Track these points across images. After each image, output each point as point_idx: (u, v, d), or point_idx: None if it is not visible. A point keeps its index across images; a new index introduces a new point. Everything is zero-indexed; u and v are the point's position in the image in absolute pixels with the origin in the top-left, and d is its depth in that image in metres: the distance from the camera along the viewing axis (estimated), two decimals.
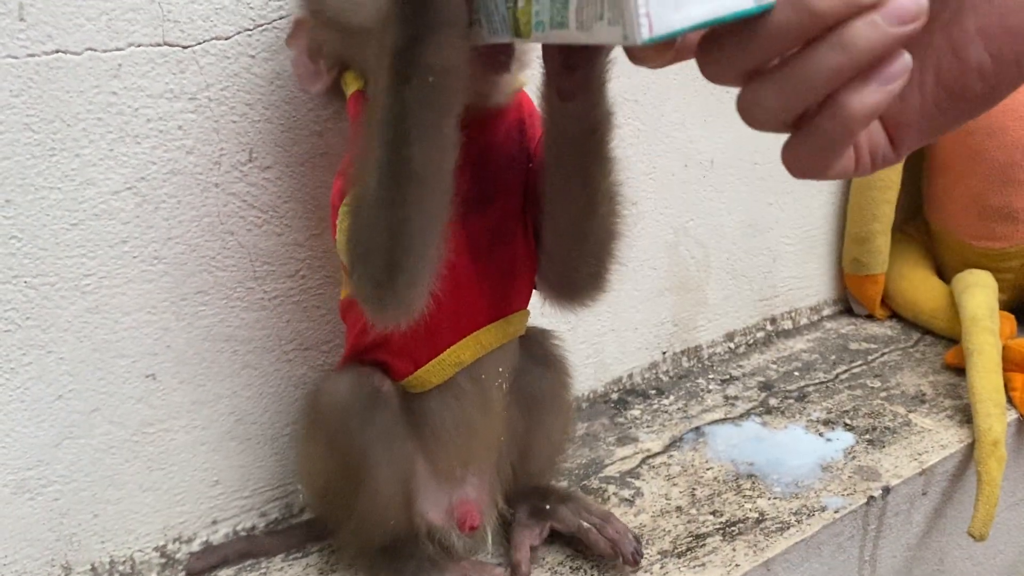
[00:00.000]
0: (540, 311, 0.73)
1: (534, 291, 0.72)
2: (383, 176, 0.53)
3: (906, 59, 0.30)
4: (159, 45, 0.68)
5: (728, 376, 1.16)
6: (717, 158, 1.13)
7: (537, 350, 0.77)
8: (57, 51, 0.64)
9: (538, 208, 0.66)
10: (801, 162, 0.33)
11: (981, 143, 1.20)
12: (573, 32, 0.36)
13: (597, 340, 1.07)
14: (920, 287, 1.28)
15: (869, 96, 0.30)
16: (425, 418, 0.71)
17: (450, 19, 0.46)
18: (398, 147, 0.51)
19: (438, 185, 0.54)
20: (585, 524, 0.76)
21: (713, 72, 0.33)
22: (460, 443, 0.72)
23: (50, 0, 0.63)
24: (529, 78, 0.64)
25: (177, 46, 0.69)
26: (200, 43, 0.70)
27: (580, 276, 0.68)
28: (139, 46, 0.67)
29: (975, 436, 0.96)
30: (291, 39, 0.67)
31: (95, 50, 0.66)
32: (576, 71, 0.55)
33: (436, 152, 0.52)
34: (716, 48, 0.33)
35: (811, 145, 0.32)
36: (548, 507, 0.78)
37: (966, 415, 1.02)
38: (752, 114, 0.33)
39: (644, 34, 0.31)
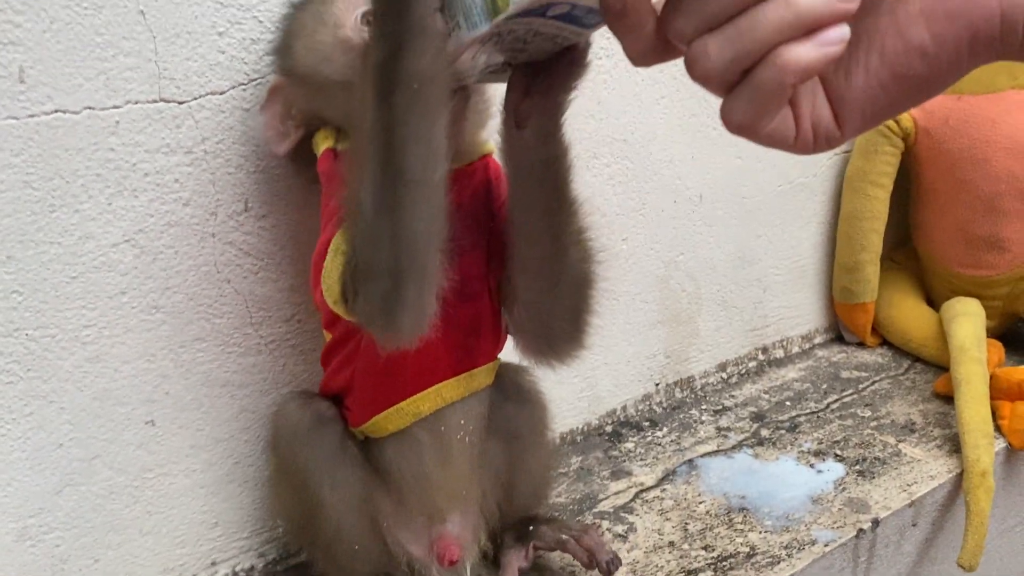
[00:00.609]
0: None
1: (505, 346, 0.73)
2: (380, 188, 0.54)
3: (844, 29, 0.32)
4: (155, 102, 0.70)
5: (721, 407, 1.17)
6: (705, 193, 1.15)
7: (511, 387, 0.78)
8: (56, 111, 0.66)
9: (508, 261, 0.67)
10: (735, 113, 0.34)
11: (966, 174, 1.22)
12: None
13: (591, 373, 1.09)
14: (910, 315, 1.30)
15: (805, 52, 0.32)
16: (384, 463, 0.73)
17: (426, 28, 0.48)
18: (391, 156, 0.53)
19: (433, 192, 0.55)
20: (564, 536, 0.78)
21: (677, 28, 0.34)
22: (419, 491, 0.73)
23: (50, 62, 0.65)
24: (495, 141, 0.66)
25: (173, 102, 0.71)
26: (196, 98, 0.72)
27: (556, 329, 0.68)
28: (136, 103, 0.69)
29: (964, 467, 0.97)
30: (265, 105, 0.71)
31: (93, 108, 0.68)
32: (534, 96, 0.57)
33: (429, 158, 0.54)
34: (679, 4, 0.34)
35: (745, 97, 0.33)
36: (531, 528, 0.79)
37: (955, 444, 1.03)
38: (698, 65, 0.34)
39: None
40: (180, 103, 0.71)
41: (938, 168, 1.25)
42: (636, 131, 1.04)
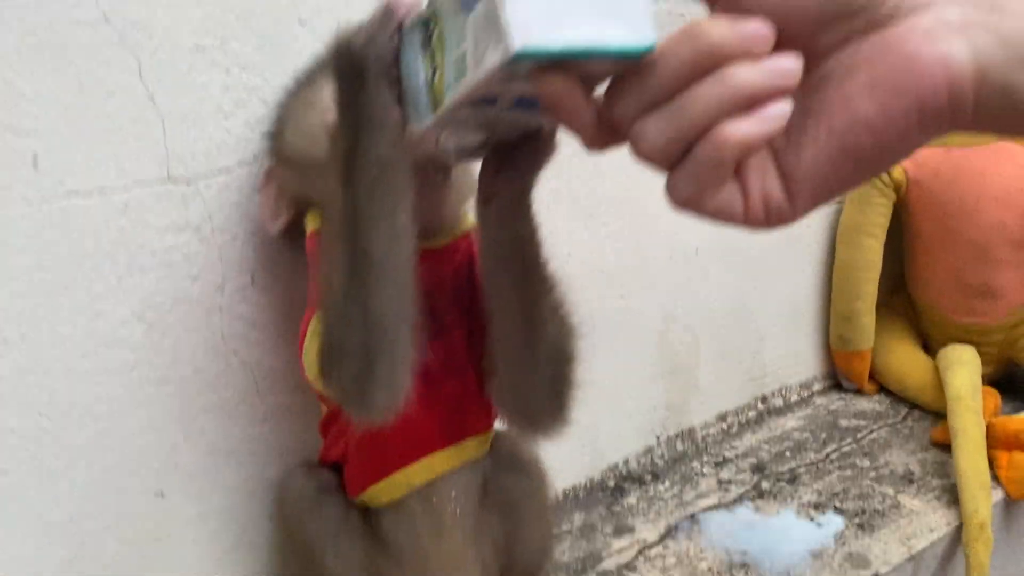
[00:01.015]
0: None
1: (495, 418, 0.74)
2: (347, 269, 0.57)
3: (784, 105, 0.32)
4: (164, 182, 0.72)
5: (722, 458, 1.18)
6: (701, 246, 1.17)
7: (507, 457, 0.78)
8: (68, 194, 0.68)
9: (487, 336, 0.67)
10: (678, 189, 0.34)
11: (957, 223, 1.24)
12: (472, 73, 0.38)
13: (592, 428, 1.10)
14: (906, 362, 1.31)
15: (744, 128, 0.32)
16: (382, 533, 0.74)
17: (383, 120, 0.51)
18: (356, 238, 0.56)
19: (399, 272, 0.57)
20: None
21: (618, 112, 0.35)
22: (415, 561, 0.73)
23: (62, 148, 0.67)
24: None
25: (181, 182, 0.73)
26: (203, 177, 0.74)
27: (535, 404, 0.68)
28: (145, 184, 0.71)
29: (962, 519, 0.98)
30: (261, 187, 0.73)
31: (104, 190, 0.70)
32: (502, 175, 0.58)
33: (393, 240, 0.56)
34: (619, 86, 0.35)
35: (688, 173, 0.33)
36: None
37: (953, 495, 1.04)
38: (639, 145, 0.34)
39: (516, 44, 0.33)
40: (188, 183, 0.73)
41: (930, 218, 1.27)
42: (633, 189, 1.06)
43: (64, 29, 0.65)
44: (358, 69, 0.49)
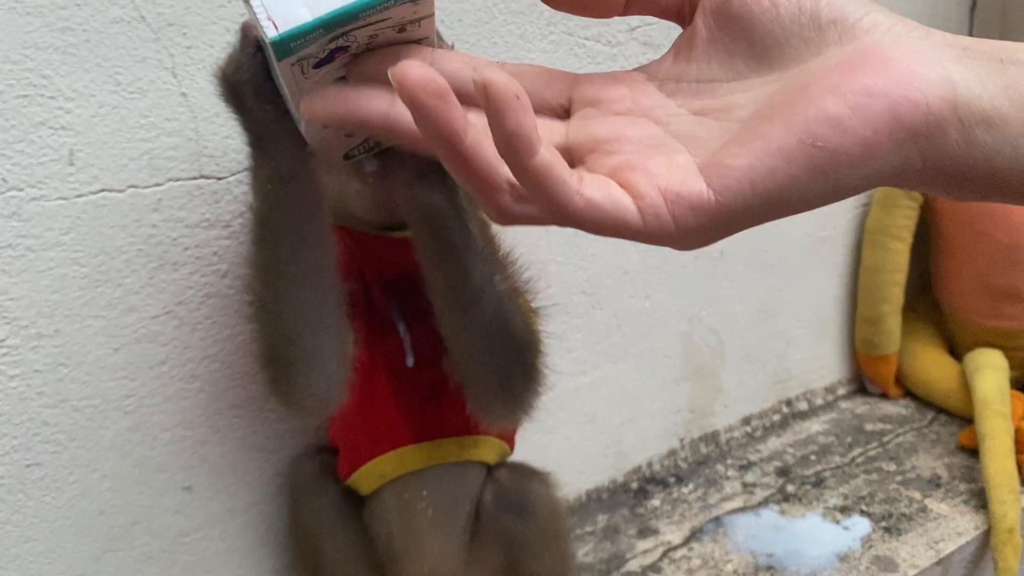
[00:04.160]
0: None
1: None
2: (259, 278, 0.59)
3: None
4: (196, 179, 0.73)
5: (746, 461, 1.18)
6: (726, 249, 1.16)
7: (510, 494, 0.75)
8: (102, 190, 0.69)
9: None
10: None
11: (985, 226, 1.23)
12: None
13: (615, 430, 1.10)
14: (933, 366, 1.30)
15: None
16: (365, 520, 0.74)
17: (272, 136, 0.51)
18: (263, 249, 0.57)
19: (312, 283, 0.58)
20: None
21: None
22: (390, 556, 0.72)
23: (97, 144, 0.68)
24: None
25: (212, 178, 0.74)
26: (234, 174, 0.74)
27: (487, 390, 0.66)
28: (177, 180, 0.72)
29: (990, 523, 0.97)
30: None
31: (137, 187, 0.70)
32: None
33: (298, 249, 0.57)
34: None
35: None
36: None
37: (981, 500, 1.03)
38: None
39: (271, 33, 0.33)
40: (219, 179, 0.74)
41: (957, 221, 1.26)
42: None
43: (100, 27, 0.66)
44: (236, 94, 0.49)
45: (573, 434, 1.05)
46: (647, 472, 1.13)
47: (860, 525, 1.00)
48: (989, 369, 1.17)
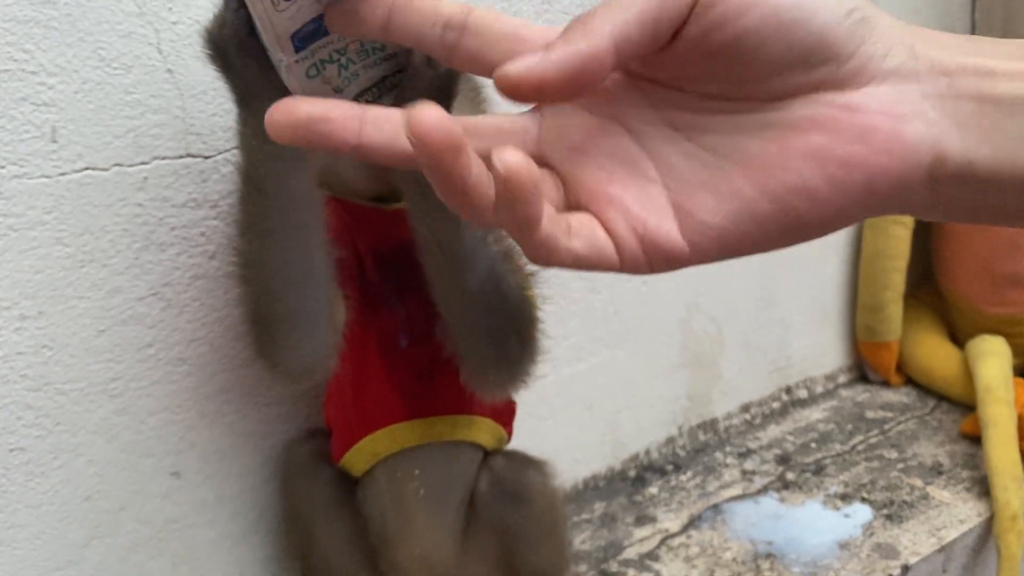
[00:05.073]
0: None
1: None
2: (244, 236, 0.58)
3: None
4: (182, 157, 0.71)
5: (745, 449, 1.16)
6: None
7: (506, 483, 0.73)
8: (87, 168, 0.67)
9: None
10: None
11: None
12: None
13: (613, 418, 1.08)
14: (934, 354, 1.29)
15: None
16: (357, 502, 0.73)
17: (257, 90, 0.49)
18: (249, 207, 0.57)
19: (298, 241, 0.57)
20: None
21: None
22: (382, 540, 0.71)
23: (81, 121, 0.66)
24: None
25: (200, 157, 0.72)
26: (221, 153, 0.73)
27: (479, 361, 0.64)
28: (163, 159, 0.70)
29: (993, 511, 0.96)
30: None
31: (122, 165, 0.69)
32: None
33: (287, 209, 0.56)
34: None
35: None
36: None
37: (983, 487, 1.02)
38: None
39: None
40: (206, 158, 0.72)
41: None
42: None
43: (82, 0, 0.65)
44: (221, 51, 0.48)
45: (570, 422, 1.04)
46: (645, 460, 1.12)
47: (861, 512, 0.99)
48: (991, 356, 1.16)
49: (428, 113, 0.25)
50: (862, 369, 1.37)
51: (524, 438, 0.79)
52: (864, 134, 0.28)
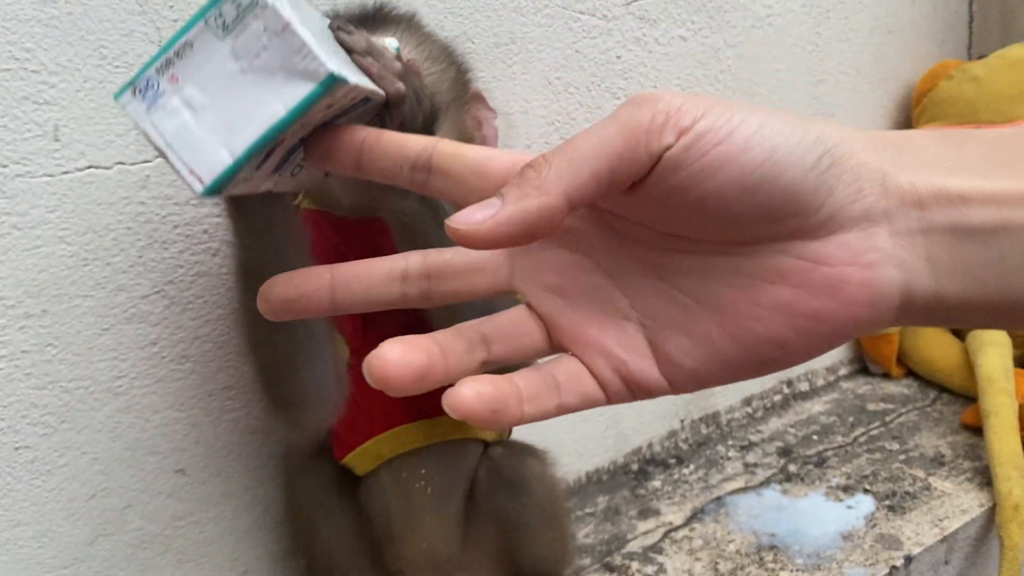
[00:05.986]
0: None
1: None
2: (251, 324, 0.59)
3: None
4: None
5: (747, 442, 1.16)
6: None
7: (505, 472, 0.74)
8: (89, 167, 0.67)
9: None
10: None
11: None
12: None
13: (615, 411, 1.08)
14: (935, 345, 1.29)
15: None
16: (361, 501, 0.73)
17: (237, 200, 0.50)
18: (250, 298, 0.56)
19: (300, 323, 0.57)
20: None
21: None
22: (388, 538, 0.71)
23: (83, 120, 0.66)
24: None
25: None
26: None
27: None
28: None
29: (996, 501, 0.96)
30: None
31: (124, 163, 0.69)
32: None
33: (270, 247, 0.54)
34: None
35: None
36: None
37: (986, 477, 1.02)
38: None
39: (198, 187, 0.32)
40: None
41: None
42: None
43: None
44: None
45: (572, 416, 1.03)
46: (647, 453, 1.12)
47: (864, 504, 0.99)
48: (992, 347, 1.16)
49: (389, 354, 0.29)
50: (863, 361, 1.37)
51: (525, 433, 0.79)
52: (833, 288, 0.28)
